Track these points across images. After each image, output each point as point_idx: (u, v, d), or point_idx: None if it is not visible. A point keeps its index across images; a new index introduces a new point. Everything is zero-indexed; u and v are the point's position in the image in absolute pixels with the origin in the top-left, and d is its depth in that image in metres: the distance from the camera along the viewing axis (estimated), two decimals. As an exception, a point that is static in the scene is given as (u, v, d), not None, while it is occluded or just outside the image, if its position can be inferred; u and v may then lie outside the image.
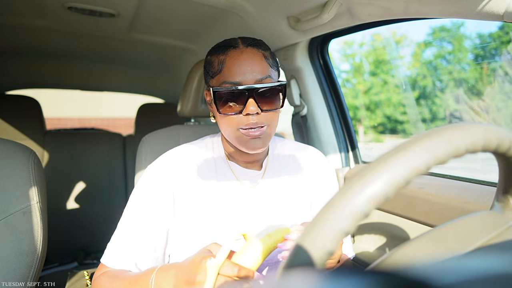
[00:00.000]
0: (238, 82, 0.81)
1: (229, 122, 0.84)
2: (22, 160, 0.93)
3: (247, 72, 0.81)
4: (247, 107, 0.80)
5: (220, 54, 0.85)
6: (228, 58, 0.83)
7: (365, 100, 13.77)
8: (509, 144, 0.41)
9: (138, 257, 0.84)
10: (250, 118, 0.81)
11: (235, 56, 0.83)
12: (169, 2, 1.42)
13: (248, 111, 0.80)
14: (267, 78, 0.83)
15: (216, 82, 0.85)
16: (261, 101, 0.81)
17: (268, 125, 0.84)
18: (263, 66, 0.84)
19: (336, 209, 0.35)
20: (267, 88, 0.82)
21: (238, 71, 0.81)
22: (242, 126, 0.82)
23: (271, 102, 0.83)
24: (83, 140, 2.40)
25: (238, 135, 0.84)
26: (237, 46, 0.85)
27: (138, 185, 0.91)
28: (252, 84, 0.81)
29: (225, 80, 0.82)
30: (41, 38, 1.89)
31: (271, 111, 0.83)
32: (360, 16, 1.11)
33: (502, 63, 2.67)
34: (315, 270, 0.34)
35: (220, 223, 0.88)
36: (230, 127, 0.84)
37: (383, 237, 1.35)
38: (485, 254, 0.39)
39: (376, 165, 0.36)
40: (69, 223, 2.28)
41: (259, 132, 0.82)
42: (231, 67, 0.82)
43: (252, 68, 0.82)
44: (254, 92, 0.80)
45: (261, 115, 0.82)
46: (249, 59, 0.83)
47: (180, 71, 2.40)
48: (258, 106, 0.80)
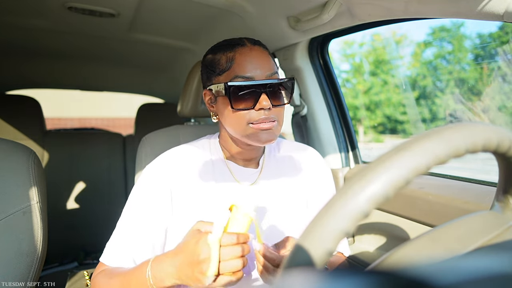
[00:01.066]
0: (250, 76, 0.82)
1: (239, 117, 0.84)
2: (22, 160, 0.93)
3: (258, 68, 0.83)
4: (260, 102, 0.81)
5: (228, 52, 0.86)
6: (238, 55, 0.84)
7: (365, 100, 13.77)
8: (509, 144, 0.41)
9: (137, 255, 0.84)
10: (262, 113, 0.82)
11: (245, 53, 0.84)
12: (169, 2, 1.42)
13: (262, 106, 0.81)
14: (275, 74, 0.86)
15: (225, 78, 0.85)
16: (273, 96, 0.83)
17: (277, 120, 0.85)
18: (271, 63, 0.86)
19: (336, 209, 0.35)
20: (278, 83, 0.84)
21: (250, 67, 0.83)
22: (253, 121, 0.83)
23: (281, 97, 0.86)
24: (83, 140, 2.40)
25: (249, 131, 0.84)
26: (244, 44, 0.87)
27: (136, 185, 0.91)
28: (263, 79, 0.83)
29: (236, 75, 0.83)
30: (41, 38, 1.89)
31: (280, 106, 0.85)
32: (360, 16, 1.11)
33: (502, 63, 2.66)
34: (315, 270, 0.34)
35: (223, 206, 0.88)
36: (240, 123, 0.84)
37: (383, 237, 1.35)
38: (485, 254, 0.39)
39: (376, 165, 0.36)
40: (69, 223, 2.28)
41: (269, 125, 0.83)
42: (242, 63, 0.83)
43: (262, 64, 0.84)
44: (267, 86, 0.82)
45: (272, 110, 0.84)
46: (259, 55, 0.85)
47: (180, 71, 2.40)
48: (270, 101, 0.82)
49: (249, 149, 0.93)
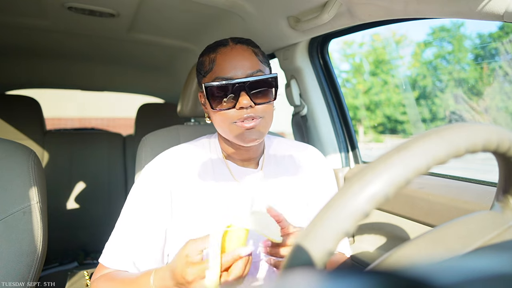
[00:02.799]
0: (229, 77, 0.83)
1: (223, 118, 0.85)
2: (22, 160, 0.93)
3: (237, 67, 0.83)
4: (240, 101, 0.81)
5: (211, 53, 0.87)
6: (219, 56, 0.85)
7: (365, 100, 13.77)
8: (509, 144, 0.41)
9: (136, 256, 0.84)
10: (244, 112, 0.82)
11: (225, 53, 0.85)
12: (169, 2, 1.42)
13: (242, 105, 0.81)
14: (258, 73, 0.85)
15: (208, 80, 0.86)
16: (254, 95, 0.83)
17: (262, 117, 0.85)
18: (253, 61, 0.85)
19: (336, 209, 0.35)
20: (258, 81, 0.83)
21: (229, 67, 0.83)
22: (236, 120, 0.83)
23: (264, 95, 0.85)
24: (83, 140, 2.40)
25: (233, 129, 0.85)
26: (226, 44, 0.87)
27: (135, 185, 0.91)
28: (244, 78, 0.82)
29: (216, 76, 0.84)
30: (41, 38, 1.89)
31: (264, 104, 0.85)
32: (360, 16, 1.11)
33: (502, 63, 2.66)
34: (315, 270, 0.34)
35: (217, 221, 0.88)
36: (224, 122, 0.85)
37: (383, 237, 1.35)
38: (485, 254, 0.39)
39: (376, 165, 0.36)
40: (69, 223, 2.28)
41: (253, 123, 0.83)
42: (221, 63, 0.84)
43: (243, 63, 0.84)
44: (246, 85, 0.81)
45: (255, 108, 0.83)
46: (239, 55, 0.85)
47: (180, 71, 2.40)
48: (251, 99, 0.82)
49: (244, 149, 0.93)
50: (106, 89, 3.07)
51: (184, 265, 0.64)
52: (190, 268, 0.63)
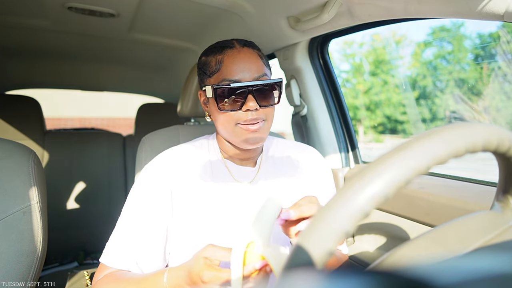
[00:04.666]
0: (237, 79, 0.84)
1: (227, 118, 0.86)
2: (22, 160, 0.93)
3: (245, 70, 0.85)
4: (246, 103, 0.83)
5: (217, 54, 0.88)
6: (226, 57, 0.86)
7: (365, 100, 13.77)
8: (509, 144, 0.41)
9: (138, 255, 0.84)
10: (249, 114, 0.84)
11: (233, 55, 0.86)
12: (169, 2, 1.42)
13: (248, 107, 0.83)
14: (263, 76, 0.87)
15: (214, 80, 0.87)
16: (260, 98, 0.85)
17: (265, 120, 0.88)
18: (259, 65, 0.87)
19: (336, 209, 0.35)
20: (265, 85, 0.85)
21: (237, 69, 0.85)
22: (240, 121, 0.85)
23: (269, 98, 0.87)
24: (83, 140, 2.40)
25: (237, 131, 0.86)
26: (233, 46, 0.88)
27: (136, 184, 0.91)
28: (250, 81, 0.84)
29: (224, 78, 0.85)
30: (41, 38, 1.89)
31: (268, 106, 0.87)
32: (360, 16, 1.11)
33: (502, 63, 2.66)
34: (315, 270, 0.34)
35: (218, 221, 0.89)
36: (228, 123, 0.87)
37: (383, 237, 1.35)
38: (485, 254, 0.39)
39: (376, 165, 0.36)
40: (69, 223, 2.28)
41: (257, 126, 0.86)
42: (229, 65, 0.85)
43: (250, 66, 0.86)
44: (253, 89, 0.83)
45: (259, 111, 0.86)
46: (247, 58, 0.86)
47: (180, 71, 2.40)
48: (257, 102, 0.84)
49: (244, 150, 0.94)
50: (106, 89, 3.07)
51: (202, 266, 0.66)
52: (207, 270, 0.65)
